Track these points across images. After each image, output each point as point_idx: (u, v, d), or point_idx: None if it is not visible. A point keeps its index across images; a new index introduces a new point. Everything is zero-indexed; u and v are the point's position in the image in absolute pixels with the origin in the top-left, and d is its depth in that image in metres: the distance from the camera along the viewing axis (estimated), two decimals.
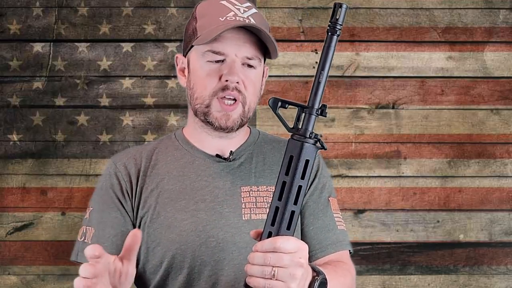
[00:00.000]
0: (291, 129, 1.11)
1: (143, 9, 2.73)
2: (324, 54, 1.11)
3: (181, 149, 1.45)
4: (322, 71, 1.10)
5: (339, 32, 1.11)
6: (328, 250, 1.40)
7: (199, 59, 1.38)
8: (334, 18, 1.10)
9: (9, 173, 2.69)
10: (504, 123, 2.73)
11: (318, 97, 1.11)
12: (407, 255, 2.70)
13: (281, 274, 1.07)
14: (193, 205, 1.38)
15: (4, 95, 2.70)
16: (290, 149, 1.10)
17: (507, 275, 2.69)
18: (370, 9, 2.74)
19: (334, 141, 2.71)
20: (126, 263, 1.14)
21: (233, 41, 1.35)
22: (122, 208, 1.40)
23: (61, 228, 2.68)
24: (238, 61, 1.36)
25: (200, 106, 1.38)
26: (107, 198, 1.40)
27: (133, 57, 2.72)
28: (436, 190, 2.71)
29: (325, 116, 1.12)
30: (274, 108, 1.13)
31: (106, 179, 1.42)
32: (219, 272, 1.34)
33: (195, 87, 1.40)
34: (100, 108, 2.71)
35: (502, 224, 2.70)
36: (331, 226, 1.42)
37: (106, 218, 1.38)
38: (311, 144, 1.10)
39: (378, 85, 2.73)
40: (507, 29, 2.74)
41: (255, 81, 1.40)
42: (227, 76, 1.35)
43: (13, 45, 2.71)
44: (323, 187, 1.45)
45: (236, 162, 1.43)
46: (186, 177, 1.41)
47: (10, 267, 2.67)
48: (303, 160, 1.09)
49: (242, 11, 1.38)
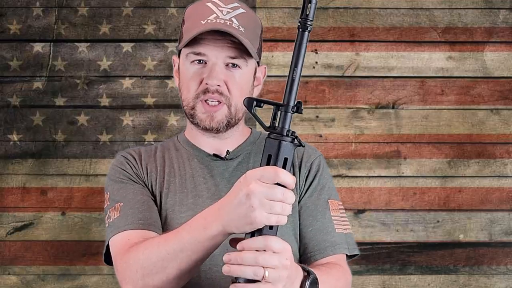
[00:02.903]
0: (268, 128, 1.10)
1: (143, 9, 2.73)
2: (297, 51, 1.10)
3: (181, 148, 1.48)
4: (296, 68, 1.10)
5: (310, 28, 1.10)
6: (326, 252, 1.39)
7: (184, 61, 1.41)
8: (304, 14, 1.10)
9: (9, 173, 2.69)
10: (504, 123, 2.73)
11: (293, 95, 1.10)
12: (407, 255, 2.70)
13: (271, 275, 1.05)
14: (191, 199, 1.40)
15: (4, 95, 2.70)
16: (268, 148, 1.09)
17: (507, 275, 2.69)
18: (370, 9, 2.74)
19: (334, 141, 2.71)
20: None
21: (213, 43, 1.37)
22: (141, 181, 1.42)
23: (61, 228, 2.68)
24: (219, 64, 1.37)
25: (187, 108, 1.42)
26: (123, 178, 1.41)
27: (133, 57, 2.72)
28: (436, 190, 2.71)
29: (301, 113, 1.11)
30: (249, 108, 1.13)
31: (118, 165, 1.44)
32: (213, 267, 1.34)
33: (182, 88, 1.43)
34: (100, 108, 2.71)
35: (502, 224, 2.70)
36: (329, 229, 1.41)
37: (129, 190, 1.39)
38: (288, 142, 1.09)
39: (378, 85, 2.73)
40: (507, 29, 2.74)
41: (241, 83, 1.40)
42: (207, 80, 1.37)
43: (13, 45, 2.71)
44: (322, 189, 1.45)
45: (234, 161, 1.44)
46: (185, 172, 1.43)
47: (10, 267, 2.67)
48: (281, 158, 1.08)
49: (225, 13, 1.38)
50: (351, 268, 1.42)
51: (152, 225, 1.34)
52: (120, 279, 1.27)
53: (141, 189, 1.40)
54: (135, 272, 1.21)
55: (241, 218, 1.06)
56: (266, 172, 1.05)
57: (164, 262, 1.17)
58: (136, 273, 1.21)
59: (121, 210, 1.36)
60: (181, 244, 1.16)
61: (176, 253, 1.16)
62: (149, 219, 1.34)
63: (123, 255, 1.27)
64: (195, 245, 1.14)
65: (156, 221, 1.36)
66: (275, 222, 1.05)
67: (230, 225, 1.09)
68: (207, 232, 1.12)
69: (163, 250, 1.18)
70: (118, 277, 1.29)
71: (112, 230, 1.35)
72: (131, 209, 1.35)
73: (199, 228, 1.14)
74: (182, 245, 1.15)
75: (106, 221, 1.39)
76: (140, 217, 1.34)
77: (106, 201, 1.41)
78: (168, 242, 1.18)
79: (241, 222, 1.06)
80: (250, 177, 1.06)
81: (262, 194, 1.04)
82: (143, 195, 1.38)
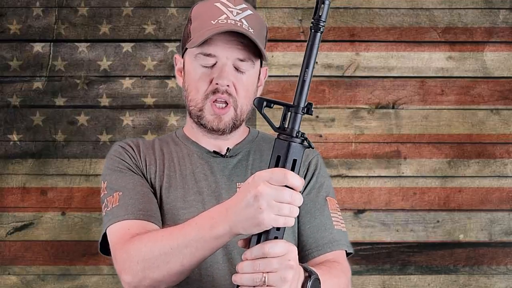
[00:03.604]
0: (277, 128, 1.10)
1: (143, 9, 2.73)
2: (308, 51, 1.10)
3: (180, 144, 1.48)
4: (307, 69, 1.09)
5: (322, 29, 1.09)
6: (324, 249, 1.39)
7: (192, 61, 1.41)
8: (317, 15, 1.09)
9: (9, 173, 2.69)
10: (504, 123, 2.73)
11: (304, 96, 1.09)
12: (407, 255, 2.70)
13: (272, 279, 1.07)
14: (192, 195, 1.40)
15: (4, 95, 2.70)
16: (277, 149, 1.08)
17: (507, 275, 2.69)
18: (370, 9, 2.74)
19: (334, 141, 2.71)
20: None
21: (224, 44, 1.37)
22: (140, 173, 1.41)
23: (61, 228, 2.68)
24: (229, 64, 1.38)
25: (194, 109, 1.41)
26: (122, 168, 1.40)
27: (133, 57, 2.72)
28: (436, 190, 2.71)
29: (311, 114, 1.11)
30: (259, 108, 1.13)
31: (116, 155, 1.43)
32: (214, 265, 1.35)
33: (189, 89, 1.43)
34: (100, 108, 2.71)
35: (502, 224, 2.70)
36: (328, 226, 1.42)
37: (129, 180, 1.38)
38: (298, 143, 1.08)
39: (378, 85, 2.73)
40: (507, 29, 2.74)
41: (247, 85, 1.41)
42: (217, 80, 1.37)
43: (13, 45, 2.71)
44: (320, 187, 1.45)
45: (234, 159, 1.45)
46: (185, 168, 1.43)
47: (10, 267, 2.67)
48: (290, 159, 1.08)
49: (235, 14, 1.38)
50: (351, 268, 1.41)
51: (152, 216, 1.33)
52: (118, 268, 1.27)
53: (141, 180, 1.39)
54: (135, 263, 1.21)
55: (248, 219, 1.06)
56: (275, 174, 1.05)
57: (167, 257, 1.17)
58: (137, 264, 1.21)
59: (120, 199, 1.35)
60: (186, 240, 1.16)
61: (180, 249, 1.16)
62: (149, 211, 1.34)
63: (123, 244, 1.26)
64: (200, 243, 1.14)
65: (156, 213, 1.35)
66: (282, 224, 1.06)
67: (237, 226, 1.09)
68: (214, 231, 1.12)
69: (167, 244, 1.18)
70: (116, 266, 1.28)
71: (111, 219, 1.34)
72: (131, 199, 1.34)
73: (206, 226, 1.14)
74: (187, 242, 1.15)
75: (103, 209, 1.38)
76: (141, 207, 1.33)
77: (103, 190, 1.40)
78: (172, 236, 1.18)
79: (249, 223, 1.07)
80: (259, 179, 1.06)
81: (271, 196, 1.04)
82: (143, 187, 1.38)
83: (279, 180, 1.05)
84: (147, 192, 1.37)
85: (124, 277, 1.23)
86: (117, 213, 1.33)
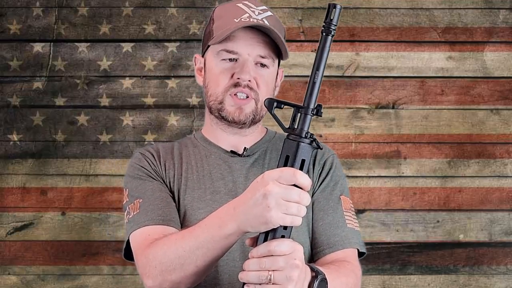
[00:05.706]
0: (287, 129, 1.12)
1: (143, 9, 2.73)
2: (319, 54, 1.12)
3: (198, 145, 1.51)
4: (317, 71, 1.11)
5: (333, 33, 1.12)
6: (335, 246, 1.41)
7: (214, 58, 1.44)
8: (329, 18, 1.12)
9: (9, 173, 2.69)
10: (504, 123, 2.73)
11: (314, 97, 1.12)
12: (407, 255, 2.70)
13: (278, 277, 1.07)
14: (209, 195, 1.42)
15: (4, 95, 2.70)
16: (286, 149, 1.10)
17: (507, 275, 2.69)
18: (370, 9, 2.74)
19: (334, 141, 2.71)
20: None
21: (246, 41, 1.41)
22: (159, 178, 1.44)
23: (61, 228, 2.68)
24: (250, 60, 1.41)
25: (214, 103, 1.44)
26: (142, 175, 1.44)
27: (133, 57, 2.72)
28: (436, 190, 2.71)
29: (320, 115, 1.13)
30: (270, 109, 1.15)
31: (136, 162, 1.47)
32: (230, 263, 1.37)
33: (209, 84, 1.46)
34: (100, 108, 2.71)
35: (502, 224, 2.70)
36: (340, 224, 1.43)
37: (148, 187, 1.42)
38: (306, 143, 1.10)
39: (378, 85, 2.73)
40: (507, 29, 2.74)
41: (268, 80, 1.44)
42: (239, 74, 1.41)
43: (13, 45, 2.71)
44: (335, 185, 1.47)
45: (251, 158, 1.48)
46: (203, 169, 1.46)
47: (10, 267, 2.67)
48: (299, 159, 1.09)
49: (256, 13, 1.43)
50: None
51: (171, 221, 1.37)
52: (141, 273, 1.31)
53: (160, 185, 1.43)
54: (154, 267, 1.25)
55: (256, 217, 1.08)
56: (284, 173, 1.07)
57: (181, 259, 1.21)
58: (155, 268, 1.25)
59: (141, 206, 1.39)
60: (197, 242, 1.19)
61: (192, 251, 1.19)
62: (168, 215, 1.37)
63: (143, 250, 1.31)
64: (210, 243, 1.17)
65: (175, 217, 1.39)
66: (289, 223, 1.07)
67: (246, 225, 1.11)
68: (223, 230, 1.15)
69: (179, 247, 1.21)
70: (139, 271, 1.33)
71: (132, 226, 1.38)
72: (151, 205, 1.38)
73: (214, 226, 1.16)
74: (198, 243, 1.18)
75: (125, 217, 1.42)
76: (160, 213, 1.37)
77: (125, 197, 1.44)
78: (184, 239, 1.21)
79: (257, 221, 1.08)
80: (268, 178, 1.07)
81: (279, 195, 1.06)
82: (162, 192, 1.41)
83: (288, 179, 1.06)
84: (165, 197, 1.41)
85: (146, 281, 1.28)
86: (138, 220, 1.37)
